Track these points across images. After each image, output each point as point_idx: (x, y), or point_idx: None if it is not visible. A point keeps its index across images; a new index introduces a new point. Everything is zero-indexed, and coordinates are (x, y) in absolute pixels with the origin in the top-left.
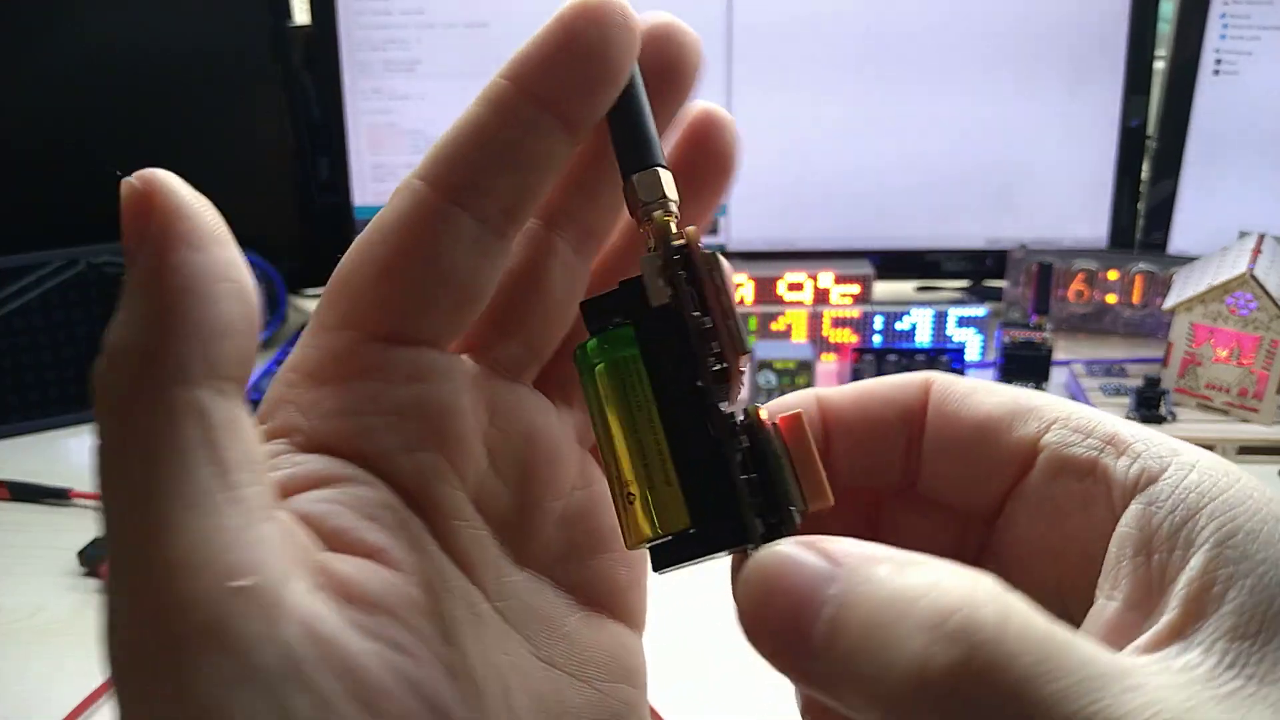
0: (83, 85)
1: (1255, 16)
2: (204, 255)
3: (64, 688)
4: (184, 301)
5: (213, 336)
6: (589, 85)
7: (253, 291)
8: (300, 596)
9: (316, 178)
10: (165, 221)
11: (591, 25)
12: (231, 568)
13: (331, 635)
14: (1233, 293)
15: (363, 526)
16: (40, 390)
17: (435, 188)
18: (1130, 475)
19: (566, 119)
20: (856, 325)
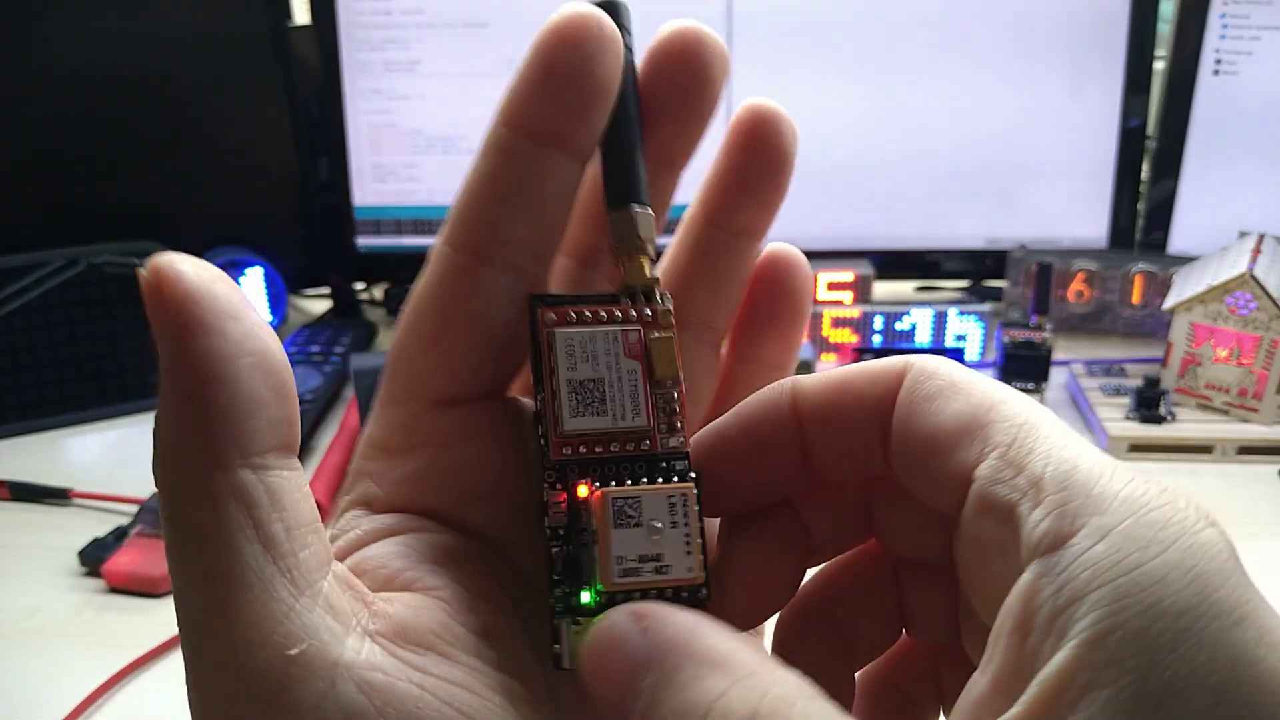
0: (83, 86)
1: (1255, 16)
2: (219, 338)
3: (64, 688)
4: (207, 391)
5: (241, 417)
6: (579, 109)
7: (275, 352)
8: (355, 651)
9: (316, 177)
10: (178, 311)
11: (567, 48)
12: (288, 637)
13: (387, 684)
14: (1233, 292)
15: (418, 567)
16: (41, 390)
17: (462, 251)
18: (1037, 534)
19: (567, 147)
20: (856, 325)
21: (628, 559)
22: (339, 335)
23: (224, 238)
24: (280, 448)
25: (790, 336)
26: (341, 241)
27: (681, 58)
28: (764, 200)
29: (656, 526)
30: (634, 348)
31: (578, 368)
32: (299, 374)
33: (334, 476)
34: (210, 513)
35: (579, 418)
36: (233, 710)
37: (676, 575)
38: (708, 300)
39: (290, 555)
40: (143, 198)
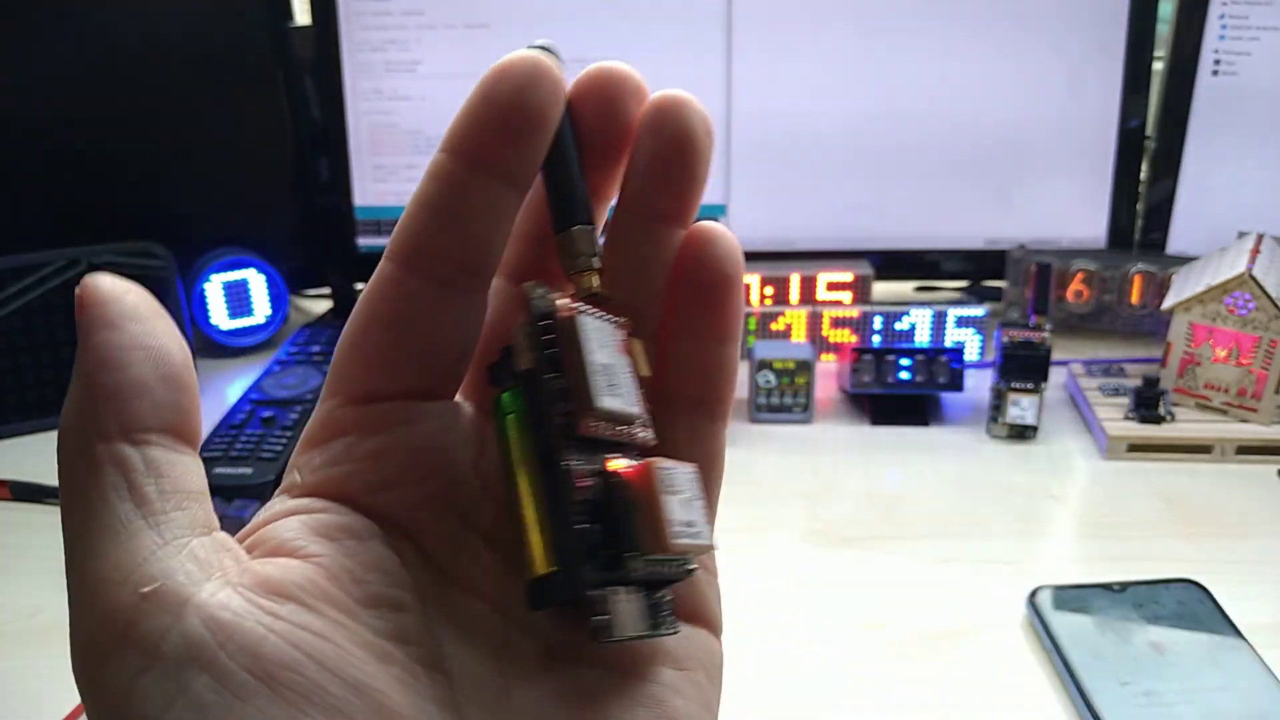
0: (84, 86)
1: (1254, 17)
2: (115, 333)
3: (64, 687)
4: (99, 374)
5: (125, 398)
6: (512, 137)
7: (174, 351)
8: (209, 593)
9: (317, 178)
10: (87, 312)
11: (504, 82)
12: (144, 578)
13: (234, 621)
14: (1231, 293)
15: (306, 539)
16: (42, 390)
17: (391, 260)
18: None
19: (498, 171)
20: (856, 325)
21: (675, 523)
22: (339, 335)
23: (225, 238)
24: (166, 429)
25: (720, 306)
26: (342, 242)
27: (595, 91)
28: (675, 185)
29: (686, 497)
30: (623, 345)
31: (596, 354)
32: (300, 374)
33: None
34: (89, 475)
35: (607, 397)
36: (92, 643)
37: (703, 540)
38: (633, 289)
39: (161, 512)
40: (144, 198)
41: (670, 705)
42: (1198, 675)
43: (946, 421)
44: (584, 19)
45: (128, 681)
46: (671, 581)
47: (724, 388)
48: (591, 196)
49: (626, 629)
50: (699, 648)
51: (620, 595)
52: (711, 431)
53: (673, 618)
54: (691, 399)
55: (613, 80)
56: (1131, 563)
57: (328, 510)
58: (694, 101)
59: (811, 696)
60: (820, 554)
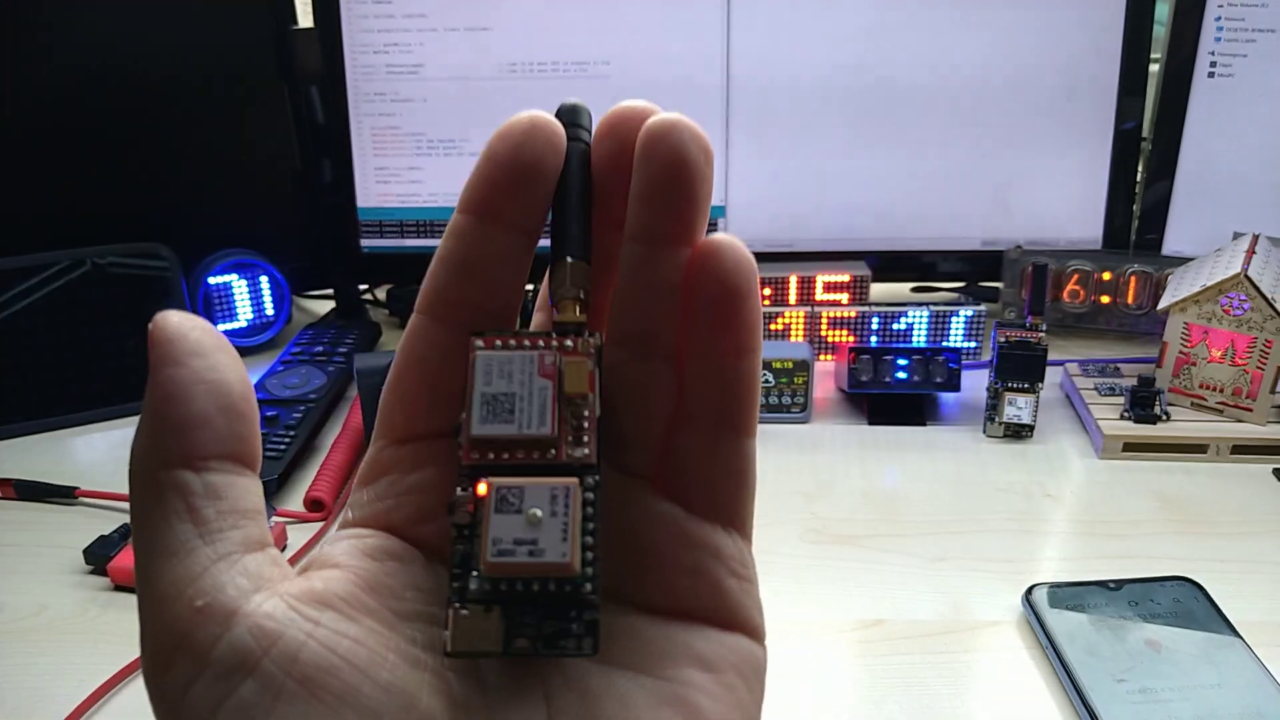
0: (89, 88)
1: (1250, 19)
2: (180, 369)
3: (69, 685)
4: (164, 407)
5: (188, 429)
6: (513, 189)
7: (233, 384)
8: (256, 604)
9: (320, 180)
10: (155, 349)
11: (503, 141)
12: (199, 592)
13: (276, 630)
14: (1227, 293)
15: (353, 557)
16: (46, 389)
17: (419, 312)
18: None
19: (504, 220)
20: (853, 325)
21: (503, 541)
22: (343, 336)
23: (229, 239)
24: (226, 455)
25: (732, 318)
26: (345, 243)
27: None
28: (673, 207)
29: (536, 515)
30: (548, 369)
31: (493, 383)
32: (303, 373)
33: (337, 475)
34: (154, 500)
35: (486, 425)
36: (156, 653)
37: (549, 560)
38: (643, 313)
39: (217, 532)
40: (148, 200)
41: (696, 705)
42: (1193, 673)
43: (943, 421)
44: (584, 22)
45: (183, 687)
46: (559, 600)
47: (744, 401)
48: (615, 229)
49: (458, 643)
50: (732, 651)
51: (456, 610)
52: (736, 446)
53: (588, 639)
54: (714, 414)
55: (626, 119)
56: (1127, 561)
57: (375, 537)
58: (686, 122)
59: (809, 694)
60: (818, 552)
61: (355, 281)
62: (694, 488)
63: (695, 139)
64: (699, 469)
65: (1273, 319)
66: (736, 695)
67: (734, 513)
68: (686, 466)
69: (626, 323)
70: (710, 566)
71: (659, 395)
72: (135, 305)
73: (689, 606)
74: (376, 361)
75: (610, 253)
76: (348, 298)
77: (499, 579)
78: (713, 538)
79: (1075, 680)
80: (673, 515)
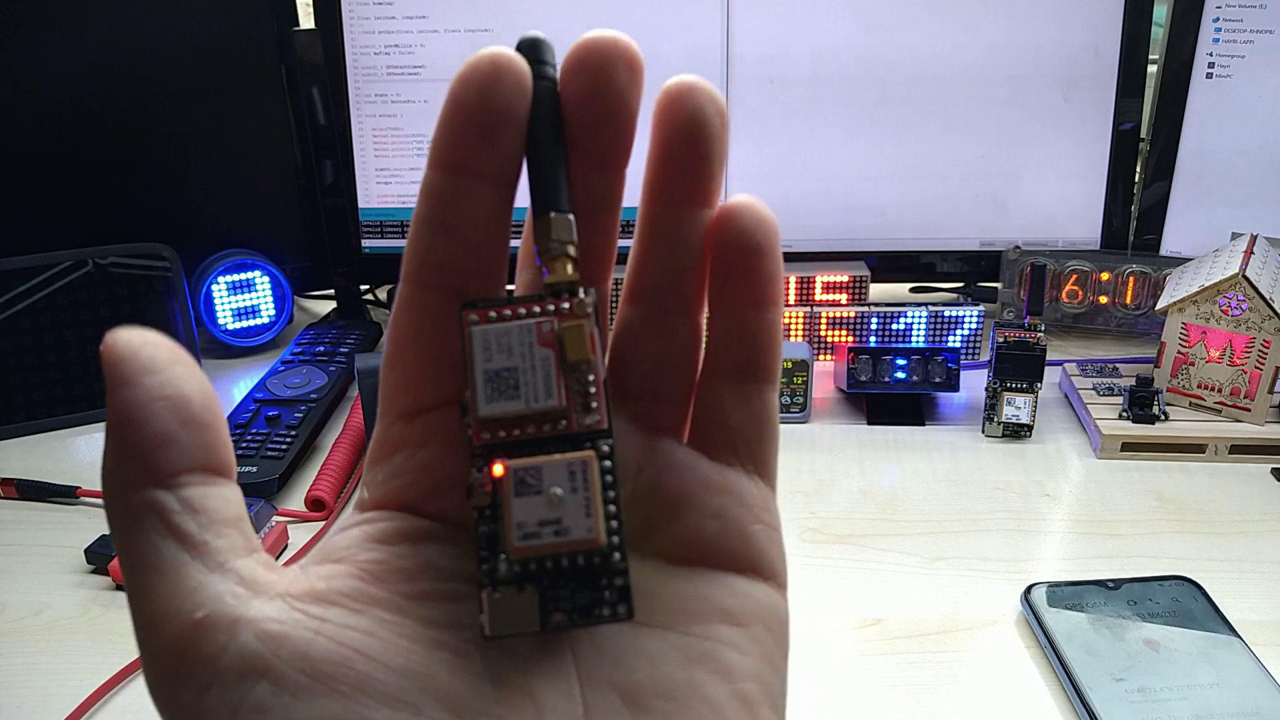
0: (92, 89)
1: (1248, 20)
2: (134, 389)
3: (71, 684)
4: (123, 430)
5: (149, 450)
6: (481, 135)
7: (192, 395)
8: (258, 610)
9: (321, 181)
10: (107, 370)
11: (467, 86)
12: (196, 605)
13: (282, 631)
14: (1225, 293)
15: (360, 548)
16: (48, 389)
17: (405, 281)
18: None
19: (478, 172)
20: (853, 325)
21: (528, 525)
22: (344, 336)
23: (230, 240)
24: (196, 468)
25: (751, 274)
26: (346, 243)
27: (582, 67)
28: (689, 169)
29: (557, 494)
30: (547, 337)
31: (493, 359)
32: (304, 373)
33: (338, 474)
34: (130, 522)
35: (493, 403)
36: (159, 672)
37: (575, 537)
38: (663, 271)
39: (203, 544)
40: (150, 200)
41: (726, 661)
42: (1192, 672)
43: (942, 421)
44: (584, 22)
45: (194, 699)
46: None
47: (767, 350)
48: (596, 170)
49: (497, 627)
50: (758, 604)
51: (490, 594)
52: (759, 392)
53: (622, 605)
54: (738, 365)
55: (597, 51)
56: (1126, 560)
57: (389, 519)
58: (703, 85)
59: (808, 693)
60: (817, 551)
61: (356, 282)
62: (718, 435)
63: (711, 100)
64: (722, 417)
65: (1270, 319)
66: (764, 648)
67: (758, 458)
68: (710, 415)
69: (650, 281)
70: (736, 511)
71: (684, 352)
72: (137, 306)
73: (716, 553)
74: (377, 362)
75: (589, 196)
76: (349, 298)
77: (526, 561)
78: (738, 483)
79: (1074, 679)
80: (698, 463)
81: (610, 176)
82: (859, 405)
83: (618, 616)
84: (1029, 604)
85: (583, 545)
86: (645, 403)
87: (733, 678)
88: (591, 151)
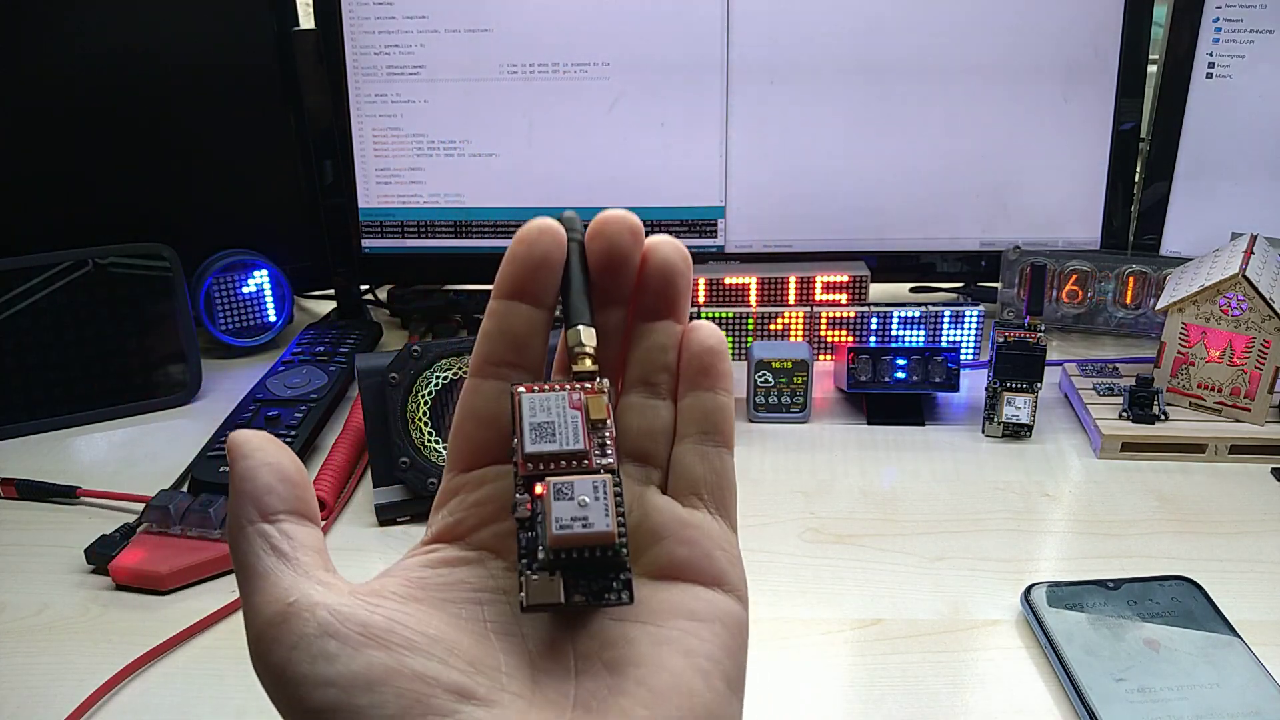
0: (91, 89)
1: (1248, 20)
2: (249, 459)
3: (71, 683)
4: (241, 484)
5: (259, 496)
6: (532, 277)
7: (285, 463)
8: (332, 598)
9: (322, 181)
10: (231, 452)
11: (520, 242)
12: (288, 594)
13: (348, 610)
14: (1225, 293)
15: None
16: (48, 389)
17: (470, 375)
18: None
19: (526, 298)
20: (853, 325)
21: (563, 520)
22: (344, 336)
23: (231, 240)
24: (288, 512)
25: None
26: (346, 244)
27: (599, 234)
28: (663, 296)
29: (585, 500)
30: (576, 403)
31: (537, 415)
32: (304, 373)
33: (338, 474)
34: (244, 544)
35: (535, 444)
36: (260, 641)
37: (598, 529)
38: (650, 367)
39: (294, 558)
40: (151, 200)
41: (688, 644)
42: (1192, 672)
43: (942, 420)
44: (584, 22)
45: (286, 654)
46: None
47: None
48: (612, 304)
49: (533, 599)
50: (716, 607)
51: (529, 577)
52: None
53: (625, 592)
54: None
55: (610, 223)
56: (1126, 560)
57: (440, 550)
58: (671, 240)
59: (808, 694)
60: (817, 551)
61: (356, 282)
62: (686, 485)
63: (677, 250)
64: (692, 472)
65: (1270, 319)
66: (720, 639)
67: (719, 503)
68: (682, 471)
69: (635, 374)
70: (701, 540)
71: (663, 425)
72: (137, 305)
73: (686, 571)
74: (377, 362)
75: (608, 321)
76: (349, 298)
77: (560, 549)
78: (703, 521)
79: (1074, 679)
80: (672, 506)
81: (621, 308)
82: (859, 405)
83: (622, 600)
84: (1029, 604)
85: (602, 538)
86: (636, 463)
87: (691, 655)
88: (608, 290)
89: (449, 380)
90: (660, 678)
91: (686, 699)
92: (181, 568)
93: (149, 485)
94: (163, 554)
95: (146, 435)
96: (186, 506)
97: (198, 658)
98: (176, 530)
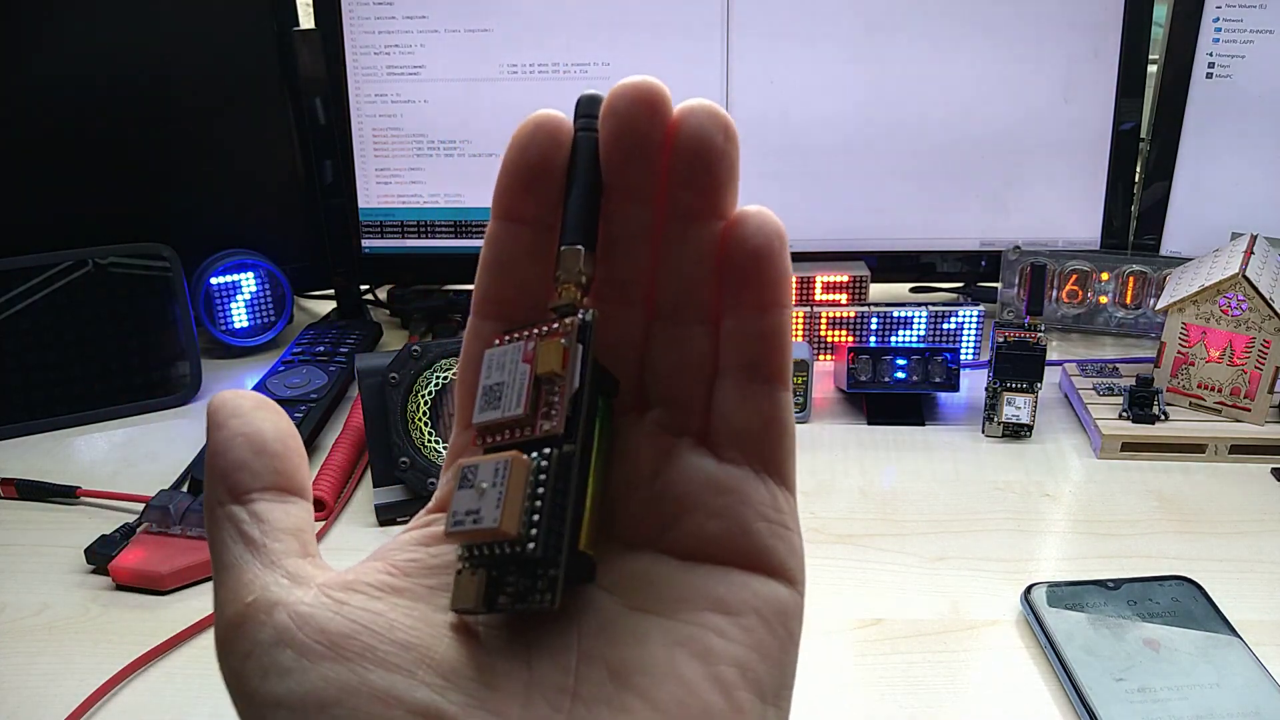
0: (92, 89)
1: (1248, 20)
2: (222, 429)
3: (71, 683)
4: (211, 460)
5: (229, 473)
6: (527, 189)
7: (266, 432)
8: (296, 596)
9: (321, 181)
10: (208, 419)
11: (511, 147)
12: (249, 592)
13: (309, 612)
14: (1225, 293)
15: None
16: (48, 389)
17: (472, 314)
18: None
19: (528, 220)
20: (853, 325)
21: (459, 513)
22: (344, 336)
23: (231, 240)
24: (266, 488)
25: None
26: (346, 243)
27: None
28: (698, 185)
29: (484, 487)
30: (529, 354)
31: (491, 376)
32: (304, 373)
33: (338, 474)
34: (214, 529)
35: (482, 414)
36: (221, 640)
37: (485, 525)
38: (681, 282)
39: (263, 546)
40: (150, 200)
41: (707, 644)
42: (1192, 672)
43: (942, 420)
44: (584, 25)
45: (240, 663)
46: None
47: (774, 350)
48: (631, 202)
49: (454, 603)
50: (754, 594)
51: (455, 574)
52: (767, 392)
53: (549, 594)
54: (743, 365)
55: (623, 96)
56: (1126, 560)
57: (441, 519)
58: (707, 106)
59: (808, 694)
60: (817, 551)
61: (356, 282)
62: (725, 436)
63: (714, 119)
64: (731, 418)
65: (1270, 319)
66: (755, 637)
67: (768, 459)
68: (720, 417)
69: (666, 294)
70: (736, 509)
71: (699, 359)
72: (137, 305)
73: (719, 550)
74: (377, 361)
75: (627, 226)
76: (349, 298)
77: (470, 545)
78: (742, 484)
79: (1074, 679)
80: (704, 465)
81: (644, 208)
82: (859, 405)
83: (543, 604)
84: (1029, 604)
85: (491, 535)
86: (667, 409)
87: (711, 660)
88: (624, 186)
89: (449, 380)
90: (667, 690)
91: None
92: (181, 568)
93: (149, 485)
94: (163, 554)
95: (146, 435)
96: (186, 506)
97: (198, 658)
98: (176, 530)
